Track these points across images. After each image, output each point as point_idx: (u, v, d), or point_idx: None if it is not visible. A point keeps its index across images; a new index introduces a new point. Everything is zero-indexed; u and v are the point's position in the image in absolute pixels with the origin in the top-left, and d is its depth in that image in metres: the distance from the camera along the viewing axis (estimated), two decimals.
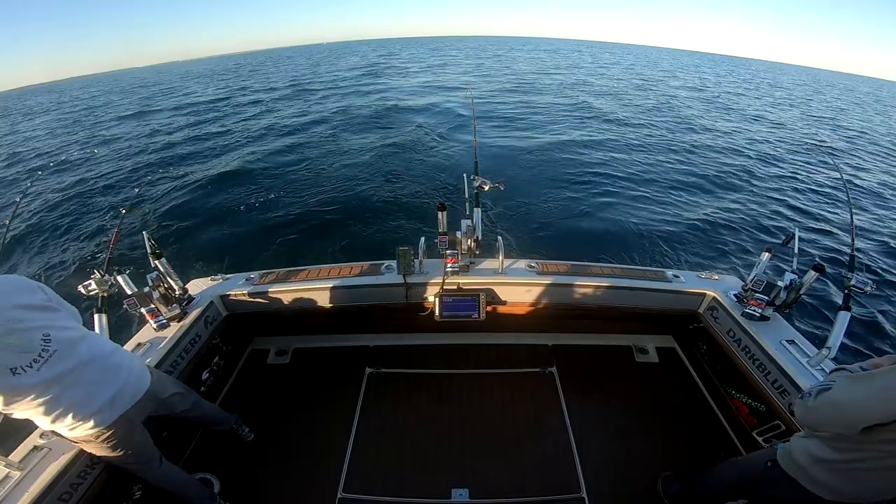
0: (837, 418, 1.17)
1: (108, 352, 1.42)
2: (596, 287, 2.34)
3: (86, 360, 1.33)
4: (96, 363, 1.36)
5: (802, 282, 1.94)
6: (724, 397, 2.31)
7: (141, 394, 1.48)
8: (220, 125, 14.13)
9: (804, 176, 8.88)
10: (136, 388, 1.47)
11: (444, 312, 2.31)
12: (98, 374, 1.35)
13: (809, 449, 1.30)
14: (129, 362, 1.50)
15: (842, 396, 1.16)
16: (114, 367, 1.41)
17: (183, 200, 7.42)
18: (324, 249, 5.52)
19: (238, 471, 2.03)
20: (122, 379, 1.42)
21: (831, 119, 17.88)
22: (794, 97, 25.73)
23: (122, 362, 1.45)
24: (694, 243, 5.71)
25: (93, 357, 1.35)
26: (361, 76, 26.84)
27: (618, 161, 9.01)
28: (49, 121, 21.55)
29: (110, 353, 1.43)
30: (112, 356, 1.43)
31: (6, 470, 1.38)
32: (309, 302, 2.40)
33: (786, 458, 1.36)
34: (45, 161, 11.86)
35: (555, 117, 13.30)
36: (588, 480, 1.96)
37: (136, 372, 1.50)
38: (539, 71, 29.83)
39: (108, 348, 1.44)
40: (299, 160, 9.22)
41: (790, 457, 1.35)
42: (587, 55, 55.51)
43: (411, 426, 2.24)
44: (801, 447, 1.33)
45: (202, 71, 57.10)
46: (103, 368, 1.37)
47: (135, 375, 1.49)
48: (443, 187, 7.31)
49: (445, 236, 2.23)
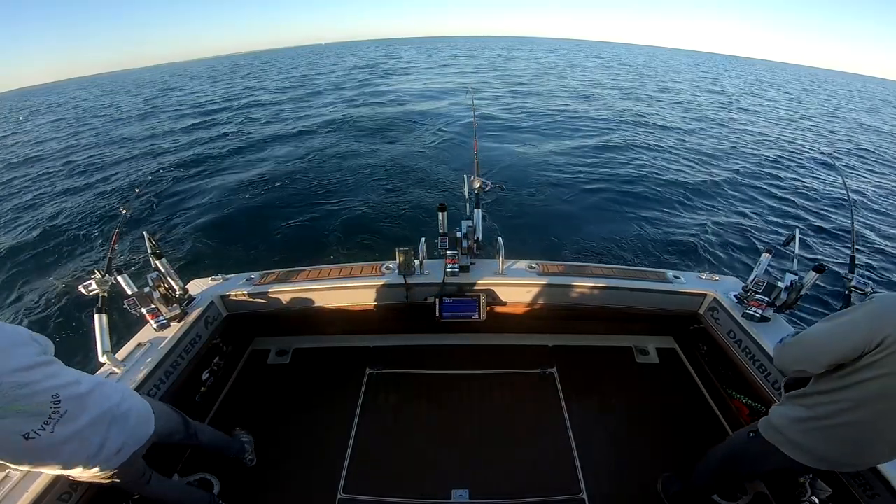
0: (804, 353, 1.22)
1: (115, 402, 1.39)
2: (596, 288, 2.34)
3: (96, 416, 1.30)
4: (106, 416, 1.34)
5: (803, 283, 1.93)
6: (724, 398, 2.31)
7: (146, 437, 1.47)
8: (221, 125, 14.18)
9: (804, 176, 8.88)
10: (144, 432, 1.46)
11: (444, 313, 2.31)
12: (108, 427, 1.33)
13: (785, 412, 1.34)
14: (137, 409, 1.48)
15: (811, 331, 1.23)
16: (122, 418, 1.39)
17: (183, 201, 7.44)
18: (324, 250, 5.53)
19: (238, 471, 2.03)
20: (131, 427, 1.41)
21: (835, 119, 17.88)
22: (794, 96, 25.76)
23: (130, 410, 1.43)
24: (694, 244, 5.71)
25: (102, 411, 1.33)
26: (362, 76, 26.87)
27: (618, 161, 9.02)
28: (52, 121, 21.58)
29: (118, 403, 1.40)
30: (120, 405, 1.40)
31: (6, 470, 1.38)
32: (309, 302, 2.40)
33: (766, 426, 1.39)
34: (48, 162, 11.87)
35: (558, 119, 13.30)
36: (588, 481, 1.96)
37: (143, 418, 1.48)
38: (538, 71, 29.85)
39: (115, 398, 1.40)
40: (299, 161, 9.23)
41: (769, 423, 1.38)
42: (582, 54, 55.58)
43: (411, 427, 2.23)
44: (777, 413, 1.37)
45: (202, 71, 57.21)
46: (112, 420, 1.35)
47: (143, 421, 1.47)
48: (443, 188, 7.32)
49: (446, 237, 2.23)
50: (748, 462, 1.51)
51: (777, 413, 1.37)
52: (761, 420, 1.43)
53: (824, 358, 1.15)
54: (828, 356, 1.15)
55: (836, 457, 1.26)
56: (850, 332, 1.09)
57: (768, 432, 1.37)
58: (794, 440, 1.29)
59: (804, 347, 1.23)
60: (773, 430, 1.36)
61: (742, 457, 1.54)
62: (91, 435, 1.28)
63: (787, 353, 1.30)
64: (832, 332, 1.15)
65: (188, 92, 27.48)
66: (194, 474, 1.99)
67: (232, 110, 17.37)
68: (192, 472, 2.01)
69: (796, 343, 1.26)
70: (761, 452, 1.40)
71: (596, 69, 33.96)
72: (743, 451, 1.52)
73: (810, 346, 1.20)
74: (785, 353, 1.30)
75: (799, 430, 1.28)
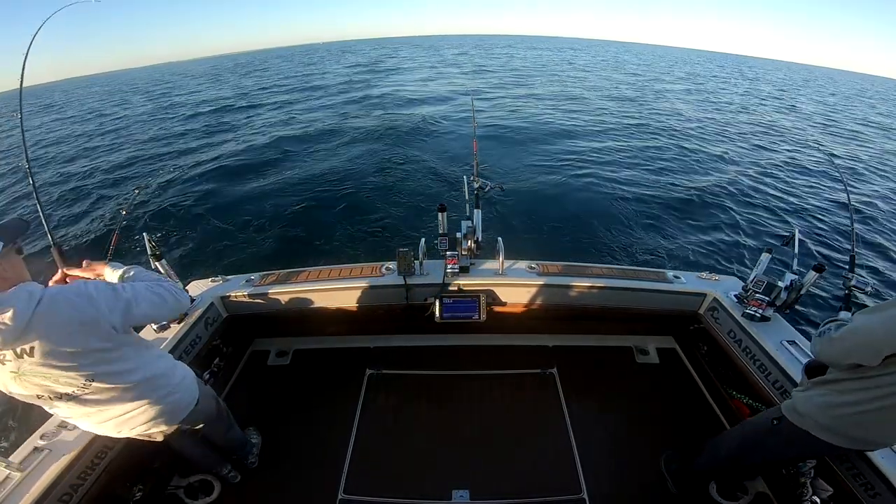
0: (861, 345, 1.19)
1: (159, 396, 1.37)
2: (596, 288, 2.34)
3: (129, 405, 1.31)
4: (141, 405, 1.34)
5: (803, 282, 1.94)
6: (724, 398, 2.31)
7: (174, 423, 1.48)
8: (220, 126, 14.16)
9: (804, 175, 8.89)
10: (174, 420, 1.47)
11: (444, 313, 2.31)
12: (134, 414, 1.34)
13: (814, 398, 1.33)
14: (180, 402, 1.47)
15: (865, 323, 1.19)
16: (158, 408, 1.39)
17: (183, 201, 7.43)
18: (324, 251, 5.53)
19: (238, 472, 2.03)
20: (163, 415, 1.41)
21: (835, 118, 17.90)
22: (793, 95, 25.78)
23: (172, 403, 1.43)
24: (695, 244, 5.71)
25: (138, 403, 1.32)
26: (361, 76, 26.86)
27: (618, 162, 9.02)
28: (54, 120, 21.58)
29: (163, 397, 1.39)
30: (165, 398, 1.40)
31: (6, 471, 1.38)
32: (309, 303, 2.40)
33: (791, 412, 1.39)
34: (49, 162, 11.87)
35: (557, 119, 13.31)
36: (588, 481, 1.96)
37: (180, 412, 1.48)
38: (537, 70, 29.88)
39: (160, 392, 1.38)
40: (300, 162, 9.23)
41: (794, 409, 1.38)
42: (577, 53, 55.63)
43: (412, 427, 2.24)
44: (804, 399, 1.37)
45: (200, 71, 57.15)
46: (143, 410, 1.35)
47: (179, 412, 1.47)
48: (443, 188, 7.32)
49: (446, 237, 2.23)
50: (768, 449, 1.52)
51: (804, 398, 1.37)
52: (784, 406, 1.43)
53: (888, 348, 1.13)
54: (892, 347, 1.12)
55: (872, 438, 1.28)
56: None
57: (797, 417, 1.37)
58: (828, 424, 1.30)
59: (862, 339, 1.18)
60: (800, 416, 1.36)
61: (761, 444, 1.54)
62: (107, 416, 1.30)
63: (844, 346, 1.24)
64: (887, 325, 1.12)
65: (189, 91, 27.46)
66: (195, 475, 1.99)
67: (230, 109, 17.37)
68: (193, 473, 2.01)
69: (852, 335, 1.21)
70: (787, 439, 1.41)
71: (594, 67, 34.02)
72: (763, 438, 1.53)
73: (869, 339, 1.16)
74: (842, 346, 1.24)
75: (833, 416, 1.28)
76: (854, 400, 1.23)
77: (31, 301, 1.03)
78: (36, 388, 1.12)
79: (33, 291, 1.06)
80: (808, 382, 1.40)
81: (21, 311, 1.01)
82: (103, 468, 1.60)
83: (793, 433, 1.38)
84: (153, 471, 1.88)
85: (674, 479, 1.95)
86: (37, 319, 1.03)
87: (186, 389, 1.48)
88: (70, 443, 1.51)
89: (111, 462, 1.63)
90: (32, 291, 1.06)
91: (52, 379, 1.10)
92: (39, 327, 1.03)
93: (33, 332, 1.03)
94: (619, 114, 14.46)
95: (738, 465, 1.71)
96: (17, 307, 1.01)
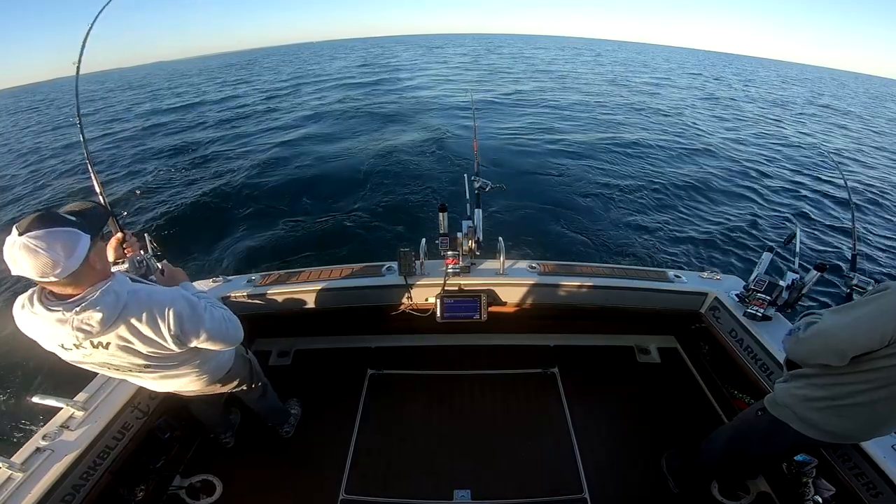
0: (825, 348, 1.19)
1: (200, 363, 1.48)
2: (597, 287, 2.33)
3: (178, 380, 1.46)
4: (187, 377, 1.46)
5: (804, 281, 1.93)
6: (726, 397, 2.30)
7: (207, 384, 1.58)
8: (219, 126, 14.16)
9: (805, 175, 8.87)
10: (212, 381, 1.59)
11: (445, 313, 2.31)
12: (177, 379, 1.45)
13: (791, 390, 1.35)
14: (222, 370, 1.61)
15: (830, 325, 1.18)
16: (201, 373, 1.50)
17: (182, 202, 7.43)
18: (325, 251, 5.53)
19: (240, 473, 2.03)
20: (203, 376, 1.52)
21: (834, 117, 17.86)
22: (790, 94, 25.73)
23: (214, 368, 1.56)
24: (695, 243, 5.70)
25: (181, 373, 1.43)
26: (360, 76, 26.84)
27: (619, 161, 9.01)
28: (47, 119, 21.60)
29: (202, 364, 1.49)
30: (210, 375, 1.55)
31: (8, 472, 1.38)
32: (310, 303, 2.40)
33: (772, 404, 1.40)
34: (49, 162, 11.89)
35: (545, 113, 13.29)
36: (590, 481, 1.96)
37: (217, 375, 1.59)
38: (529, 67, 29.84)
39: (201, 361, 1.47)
40: (300, 162, 9.22)
41: (775, 401, 1.40)
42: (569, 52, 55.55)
43: (413, 427, 2.24)
44: (783, 390, 1.38)
45: (191, 70, 57.04)
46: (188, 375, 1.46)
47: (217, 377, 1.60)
48: (444, 188, 7.32)
49: (446, 237, 2.22)
50: (757, 441, 1.52)
51: (782, 390, 1.38)
52: (767, 397, 1.44)
53: (852, 351, 1.13)
54: (856, 349, 1.12)
55: (848, 432, 1.28)
56: (879, 324, 1.07)
57: (776, 409, 1.39)
58: (805, 416, 1.31)
59: (826, 341, 1.18)
60: (780, 407, 1.37)
61: (751, 435, 1.55)
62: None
63: (810, 347, 1.25)
64: (858, 325, 1.12)
65: (181, 91, 27.41)
66: (197, 475, 2.00)
67: (229, 109, 17.34)
68: (195, 473, 2.01)
69: (816, 337, 1.21)
70: (771, 429, 1.42)
71: (587, 63, 33.97)
72: (751, 429, 1.54)
73: (834, 340, 1.16)
74: (809, 347, 1.25)
75: (810, 408, 1.29)
76: (829, 395, 1.25)
77: (117, 305, 1.10)
78: (95, 367, 1.23)
79: (118, 293, 1.11)
80: (787, 374, 1.41)
81: (108, 316, 1.08)
82: (105, 468, 1.60)
83: (774, 425, 1.40)
84: (155, 471, 1.88)
85: (675, 478, 1.95)
86: (119, 322, 1.11)
87: (223, 355, 1.58)
88: (72, 443, 1.51)
89: (113, 462, 1.63)
90: (118, 293, 1.11)
91: (113, 361, 1.20)
92: (119, 329, 1.13)
93: (113, 332, 1.12)
94: (621, 110, 14.45)
95: (731, 460, 1.72)
96: (104, 314, 1.07)
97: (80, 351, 1.13)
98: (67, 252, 0.98)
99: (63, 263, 0.98)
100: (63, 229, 0.99)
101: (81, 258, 1.02)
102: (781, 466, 1.80)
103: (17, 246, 0.94)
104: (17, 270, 0.97)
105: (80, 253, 1.01)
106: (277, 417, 2.16)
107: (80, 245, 1.01)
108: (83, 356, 1.16)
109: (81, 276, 1.05)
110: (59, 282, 1.01)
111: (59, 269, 0.98)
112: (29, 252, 0.94)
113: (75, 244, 1.00)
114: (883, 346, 1.08)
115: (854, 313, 1.14)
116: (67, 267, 0.99)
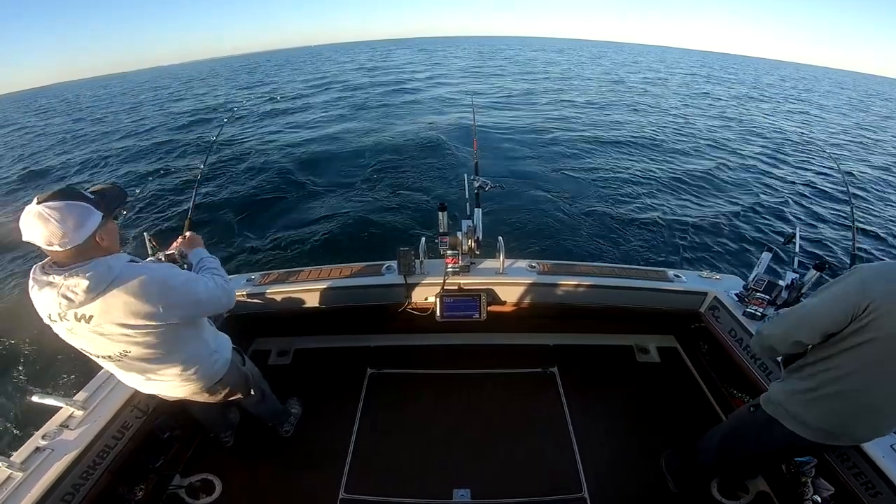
0: (800, 320, 1.26)
1: (203, 381, 1.48)
2: (597, 287, 2.33)
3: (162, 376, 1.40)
4: (174, 379, 1.43)
5: (804, 281, 1.93)
6: (725, 397, 2.30)
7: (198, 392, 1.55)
8: (218, 126, 14.11)
9: (805, 174, 8.87)
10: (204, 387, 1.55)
11: (444, 313, 2.31)
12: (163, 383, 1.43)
13: (784, 386, 1.38)
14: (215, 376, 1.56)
15: (803, 304, 1.30)
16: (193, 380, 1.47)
17: (182, 202, 7.43)
18: (325, 250, 5.52)
19: (239, 472, 2.03)
20: (196, 381, 1.49)
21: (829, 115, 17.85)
22: (787, 93, 25.72)
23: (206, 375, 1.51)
24: (695, 243, 5.71)
25: (170, 373, 1.40)
26: (359, 77, 26.84)
27: (619, 161, 9.01)
28: (50, 125, 21.59)
29: (205, 376, 1.48)
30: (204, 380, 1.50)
31: (8, 471, 1.38)
32: (310, 302, 2.40)
33: (766, 401, 1.43)
34: (49, 161, 11.89)
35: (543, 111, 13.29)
36: (589, 480, 1.96)
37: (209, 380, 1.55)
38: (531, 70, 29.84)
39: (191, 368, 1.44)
40: (300, 162, 9.22)
41: (768, 398, 1.42)
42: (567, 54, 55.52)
43: (413, 426, 2.24)
44: (777, 387, 1.42)
45: (191, 74, 57.04)
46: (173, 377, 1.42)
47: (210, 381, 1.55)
48: (443, 188, 7.31)
49: (446, 237, 2.22)
50: (752, 438, 1.53)
51: (776, 388, 1.41)
52: (762, 395, 1.46)
53: (821, 325, 1.19)
54: (825, 323, 1.19)
55: (836, 428, 1.29)
56: (842, 301, 1.15)
57: (769, 406, 1.41)
58: (794, 412, 1.33)
59: (798, 316, 1.26)
60: (772, 404, 1.40)
61: (745, 433, 1.56)
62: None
63: (777, 324, 1.32)
64: (825, 301, 1.20)
65: (181, 96, 27.43)
66: (196, 475, 2.00)
67: (227, 111, 17.32)
68: (194, 472, 2.01)
69: (790, 313, 1.30)
70: (764, 427, 1.43)
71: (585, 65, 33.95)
72: (745, 426, 1.56)
73: (805, 314, 1.24)
74: (781, 324, 1.31)
75: (798, 402, 1.32)
76: (812, 385, 1.27)
77: (107, 275, 1.09)
78: (82, 344, 1.21)
79: (112, 266, 1.11)
80: (783, 373, 1.44)
81: (93, 286, 1.07)
82: (105, 468, 1.60)
83: (766, 422, 1.41)
84: (155, 470, 1.88)
85: (674, 478, 1.95)
86: (104, 295, 1.10)
87: (214, 366, 1.53)
88: (72, 442, 1.51)
89: (113, 461, 1.63)
90: (112, 266, 1.11)
91: (95, 344, 1.20)
92: (102, 303, 1.10)
93: (98, 301, 1.10)
94: (615, 107, 14.44)
95: (726, 457, 1.72)
96: (91, 282, 1.07)
97: (63, 324, 1.13)
98: (76, 225, 1.04)
99: (70, 235, 1.03)
100: (78, 203, 1.05)
101: (88, 233, 1.06)
102: (780, 466, 1.80)
103: (32, 213, 1.00)
104: (28, 236, 1.02)
105: (89, 228, 1.06)
106: (277, 418, 2.16)
107: (90, 220, 1.07)
108: (67, 331, 1.15)
109: (86, 250, 1.08)
110: (62, 251, 1.05)
111: (66, 239, 1.03)
112: (41, 220, 1.00)
113: (85, 219, 1.06)
114: (851, 322, 1.14)
115: (823, 293, 1.23)
116: (73, 239, 1.04)
